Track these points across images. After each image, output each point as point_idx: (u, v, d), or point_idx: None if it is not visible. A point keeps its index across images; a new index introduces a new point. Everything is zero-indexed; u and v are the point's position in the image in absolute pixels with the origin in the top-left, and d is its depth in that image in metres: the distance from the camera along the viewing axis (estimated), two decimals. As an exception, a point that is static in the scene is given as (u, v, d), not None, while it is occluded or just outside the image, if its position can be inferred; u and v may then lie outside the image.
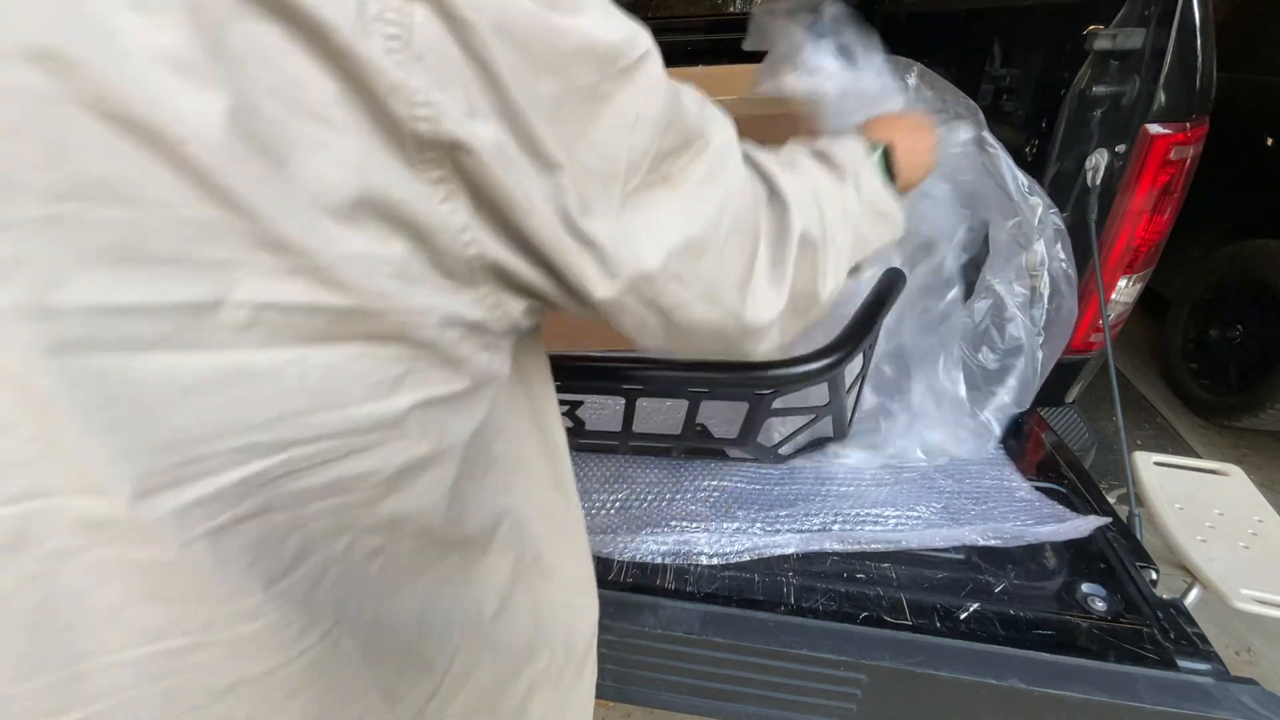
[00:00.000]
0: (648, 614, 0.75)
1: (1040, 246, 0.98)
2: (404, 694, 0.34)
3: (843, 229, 0.44)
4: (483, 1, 0.23)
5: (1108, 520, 0.83)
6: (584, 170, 0.28)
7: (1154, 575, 0.78)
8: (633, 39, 0.29)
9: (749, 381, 0.79)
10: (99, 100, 0.19)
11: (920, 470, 0.97)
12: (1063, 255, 0.99)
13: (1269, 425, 2.10)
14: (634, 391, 0.84)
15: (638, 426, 0.90)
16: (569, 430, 0.69)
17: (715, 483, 0.96)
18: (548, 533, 0.41)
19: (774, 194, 0.40)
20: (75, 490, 0.24)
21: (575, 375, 0.82)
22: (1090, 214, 1.07)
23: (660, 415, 0.96)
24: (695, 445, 0.95)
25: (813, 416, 0.89)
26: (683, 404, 0.85)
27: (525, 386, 0.37)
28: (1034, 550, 0.82)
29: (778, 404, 0.83)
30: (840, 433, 0.94)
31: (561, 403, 0.68)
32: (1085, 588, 0.77)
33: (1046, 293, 0.99)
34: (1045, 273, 0.99)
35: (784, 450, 0.94)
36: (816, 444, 0.97)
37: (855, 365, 0.83)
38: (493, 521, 0.36)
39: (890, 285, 0.84)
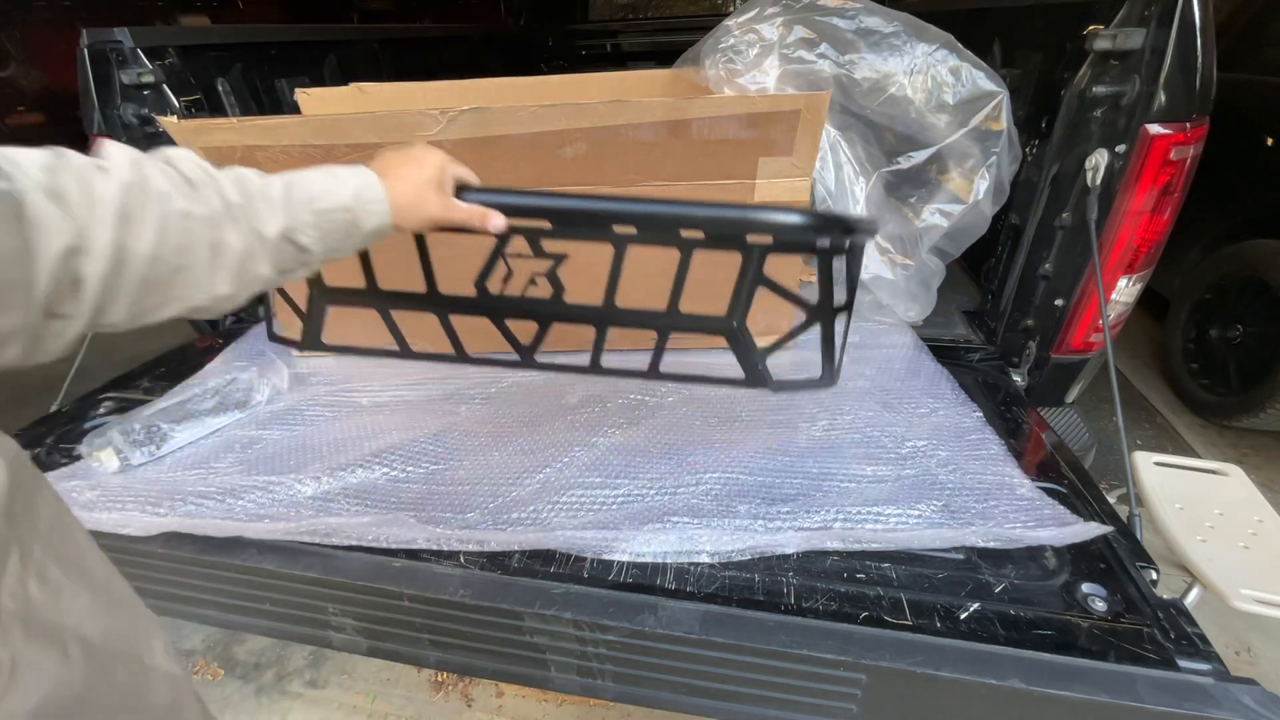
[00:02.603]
0: (648, 614, 0.75)
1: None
2: None
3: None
4: None
5: (1109, 530, 0.83)
6: None
7: (1154, 575, 0.78)
8: None
9: (742, 226, 0.75)
10: None
11: (922, 467, 0.97)
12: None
13: (1269, 425, 2.10)
14: (625, 238, 0.77)
15: (616, 346, 0.85)
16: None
17: (718, 474, 0.96)
18: None
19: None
20: None
21: (568, 221, 0.77)
22: (1090, 214, 1.07)
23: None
24: (682, 326, 0.83)
25: (803, 322, 0.84)
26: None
27: None
28: (1034, 550, 0.82)
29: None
30: (829, 377, 0.85)
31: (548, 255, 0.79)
32: (1085, 588, 0.77)
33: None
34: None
35: (770, 364, 0.85)
36: (808, 385, 0.87)
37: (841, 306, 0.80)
38: None
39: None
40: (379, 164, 0.66)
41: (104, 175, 0.43)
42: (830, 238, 0.75)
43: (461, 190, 0.72)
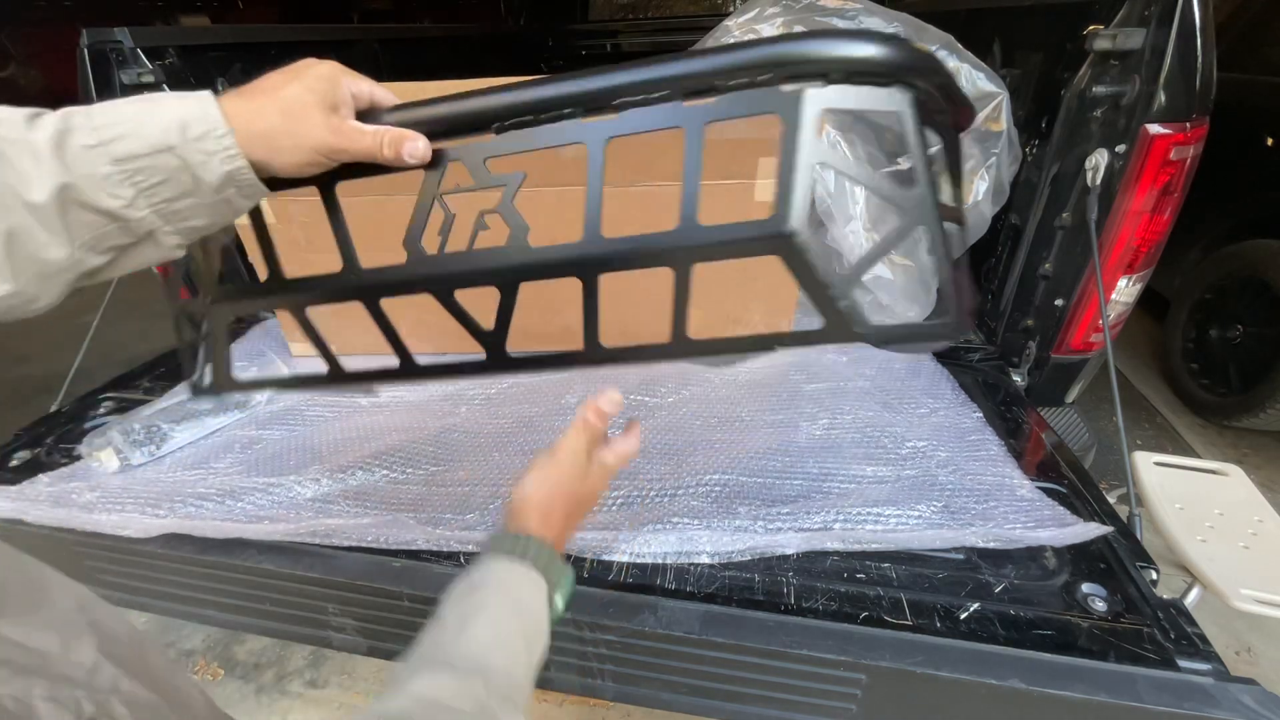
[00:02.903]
0: (648, 614, 0.75)
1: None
2: None
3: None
4: None
5: (1109, 530, 0.83)
6: None
7: (1154, 575, 0.78)
8: None
9: (792, 62, 0.49)
10: None
11: (922, 468, 0.97)
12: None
13: (1269, 425, 2.10)
14: (606, 130, 0.57)
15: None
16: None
17: (718, 476, 0.96)
18: None
19: None
20: None
21: (524, 122, 0.57)
22: (1090, 214, 1.07)
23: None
24: (710, 250, 0.55)
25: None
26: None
27: None
28: (1034, 550, 0.82)
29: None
30: (957, 318, 0.58)
31: None
32: (1085, 588, 0.77)
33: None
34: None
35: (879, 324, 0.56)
36: (922, 333, 0.62)
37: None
38: None
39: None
40: (241, 88, 0.51)
41: None
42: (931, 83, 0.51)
43: (370, 113, 0.55)
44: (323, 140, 0.50)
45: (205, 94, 0.48)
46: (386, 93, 0.57)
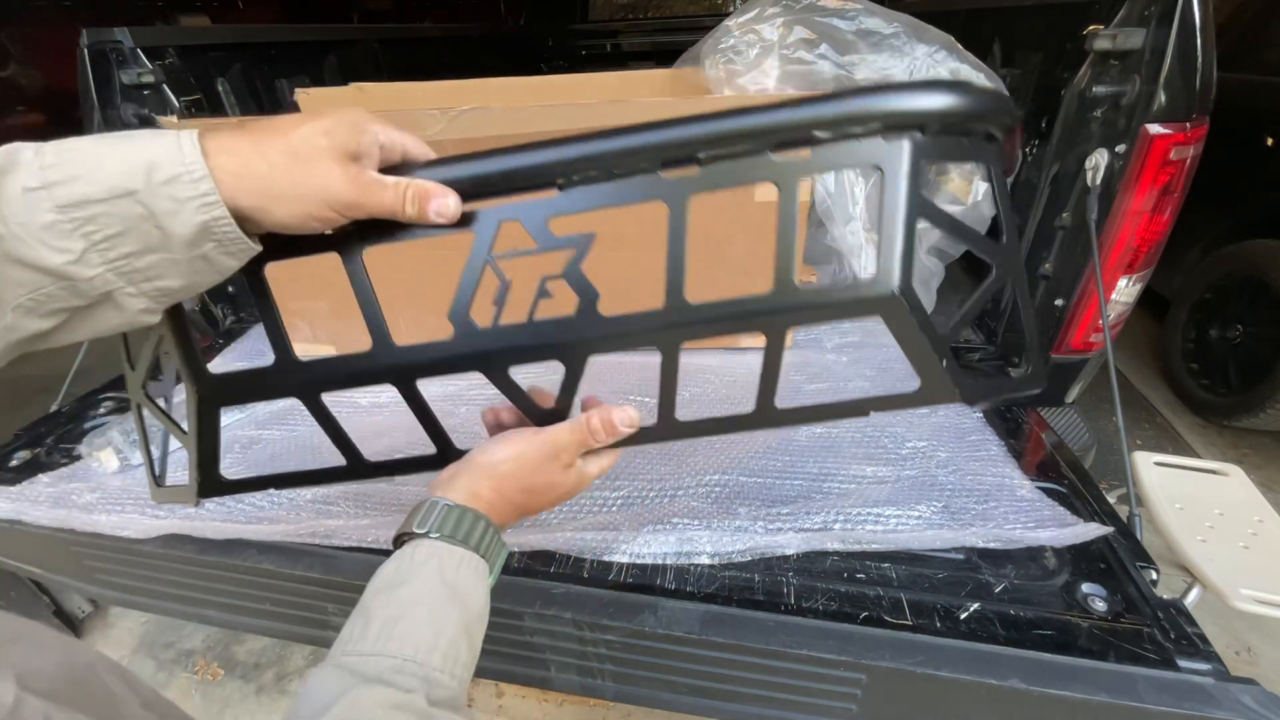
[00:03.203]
0: (648, 614, 0.75)
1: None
2: None
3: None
4: None
5: (1109, 530, 0.83)
6: None
7: (1154, 575, 0.78)
8: None
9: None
10: None
11: (922, 468, 0.97)
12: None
13: (1269, 425, 2.10)
14: (687, 186, 0.50)
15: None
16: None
17: (719, 477, 0.96)
18: None
19: None
20: None
21: (588, 177, 0.50)
22: (1090, 214, 1.07)
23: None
24: (809, 313, 0.53)
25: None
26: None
27: None
28: (1034, 550, 0.82)
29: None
30: (1039, 369, 0.61)
31: None
32: (1085, 588, 0.77)
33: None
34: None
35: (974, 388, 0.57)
36: (1009, 387, 0.64)
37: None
38: None
39: None
40: (243, 123, 0.44)
41: None
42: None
43: (402, 167, 0.49)
44: (333, 190, 0.43)
45: (188, 132, 0.40)
46: (423, 146, 0.50)
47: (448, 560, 0.49)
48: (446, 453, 0.62)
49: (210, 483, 0.64)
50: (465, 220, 0.50)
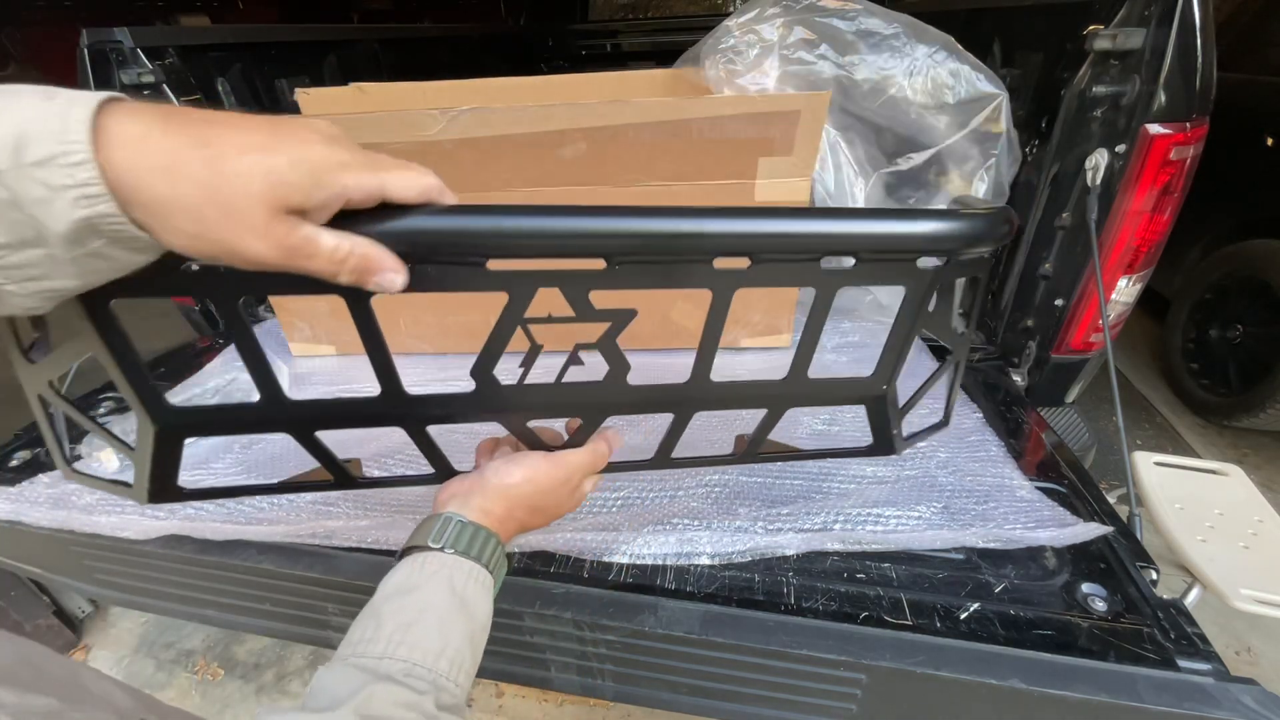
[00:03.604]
0: (648, 614, 0.75)
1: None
2: None
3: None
4: None
5: (1109, 530, 0.83)
6: None
7: (1154, 575, 0.78)
8: None
9: (900, 243, 0.50)
10: None
11: (922, 468, 0.97)
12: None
13: (1269, 425, 2.10)
14: (733, 277, 0.51)
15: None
16: None
17: (719, 477, 0.96)
18: None
19: None
20: None
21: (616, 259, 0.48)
22: (1090, 214, 1.07)
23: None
24: (807, 398, 0.64)
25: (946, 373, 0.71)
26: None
27: None
28: (1034, 550, 0.82)
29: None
30: (947, 417, 0.76)
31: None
32: (1085, 588, 0.77)
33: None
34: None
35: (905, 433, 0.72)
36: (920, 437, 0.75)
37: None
38: None
39: None
40: (180, 106, 0.37)
41: None
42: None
43: (378, 213, 0.40)
44: (246, 248, 0.34)
45: (86, 99, 0.31)
46: (422, 182, 0.41)
47: (458, 573, 0.51)
48: (445, 474, 0.64)
49: (165, 491, 0.57)
50: (499, 280, 0.47)
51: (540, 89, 1.63)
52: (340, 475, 0.62)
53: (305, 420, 0.55)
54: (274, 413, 0.53)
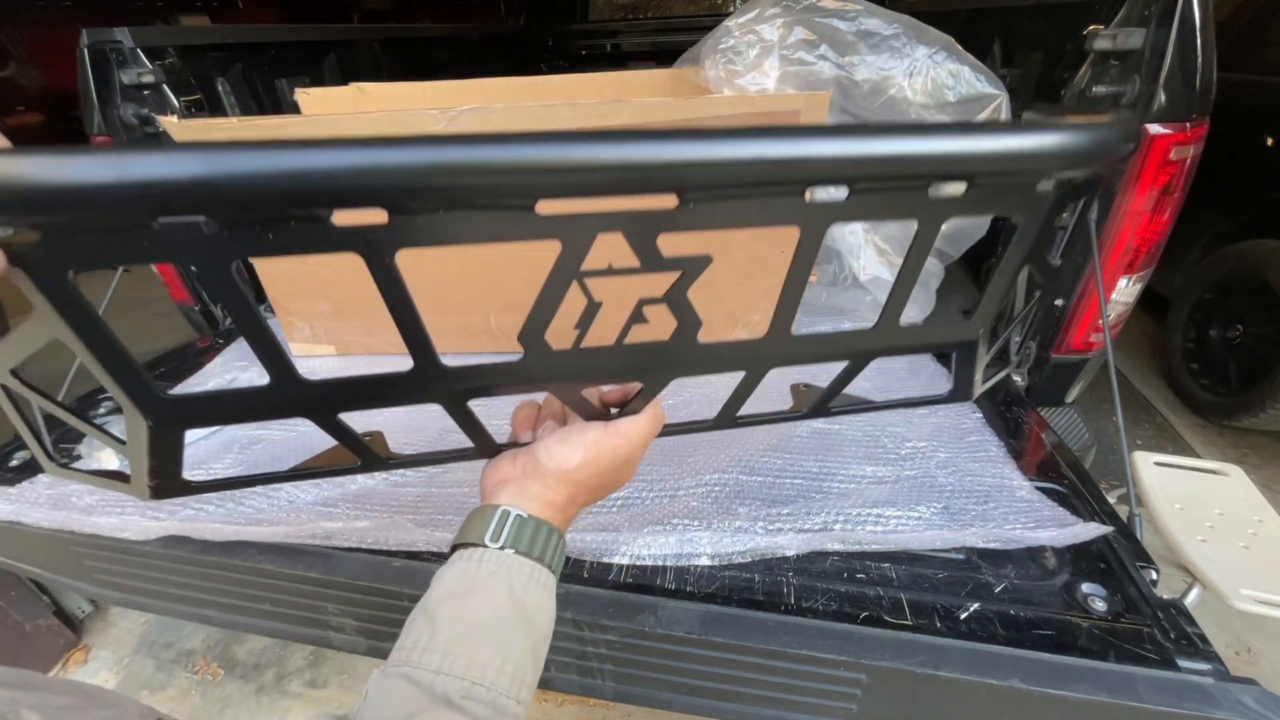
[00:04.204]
0: (648, 614, 0.75)
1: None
2: None
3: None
4: None
5: (1109, 530, 0.83)
6: None
7: (1154, 575, 0.78)
8: None
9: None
10: None
11: (922, 468, 0.97)
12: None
13: (1269, 425, 2.10)
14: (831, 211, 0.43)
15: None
16: None
17: (718, 476, 0.96)
18: None
19: None
20: None
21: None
22: (1090, 214, 1.07)
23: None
24: (898, 345, 0.56)
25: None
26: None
27: None
28: (1034, 551, 0.82)
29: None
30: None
31: None
32: (1085, 588, 0.77)
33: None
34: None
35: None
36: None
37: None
38: None
39: None
40: None
41: None
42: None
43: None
44: None
45: None
46: None
47: (517, 576, 0.46)
48: (485, 449, 0.57)
49: (169, 487, 0.52)
50: (549, 226, 0.39)
51: (540, 89, 1.63)
52: (367, 455, 0.55)
53: (325, 401, 0.48)
54: (290, 393, 0.45)
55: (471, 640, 0.43)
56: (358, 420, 0.51)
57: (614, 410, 0.56)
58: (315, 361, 1.37)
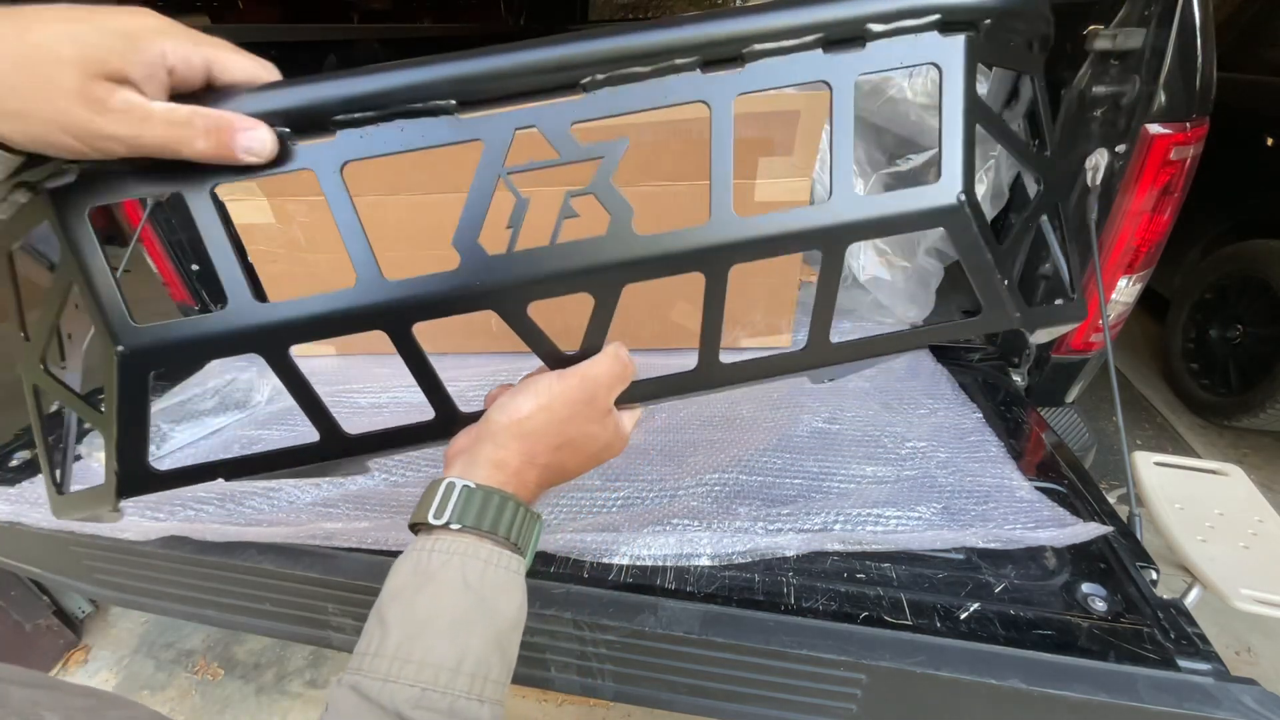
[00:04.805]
0: (648, 614, 0.75)
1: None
2: None
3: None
4: None
5: (1109, 530, 0.83)
6: None
7: (1154, 575, 0.78)
8: None
9: None
10: None
11: (922, 469, 0.97)
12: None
13: (1269, 425, 2.10)
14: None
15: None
16: None
17: (718, 476, 0.96)
18: None
19: None
20: None
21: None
22: (1090, 214, 1.07)
23: None
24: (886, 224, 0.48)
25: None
26: None
27: None
28: (1034, 550, 0.82)
29: None
30: (1079, 303, 0.60)
31: None
32: (1085, 588, 0.77)
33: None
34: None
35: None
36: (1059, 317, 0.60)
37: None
38: None
39: None
40: None
41: None
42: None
43: (226, 93, 0.40)
44: (70, 116, 0.34)
45: None
46: (265, 68, 0.42)
47: (471, 561, 0.42)
48: (449, 419, 0.53)
49: (133, 476, 0.52)
50: (469, 128, 0.44)
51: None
52: (326, 428, 0.53)
53: (277, 332, 0.47)
54: (245, 322, 0.46)
55: (422, 640, 0.39)
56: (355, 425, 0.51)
57: None
58: (315, 362, 1.37)
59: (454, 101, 0.44)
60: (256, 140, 0.39)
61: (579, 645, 0.78)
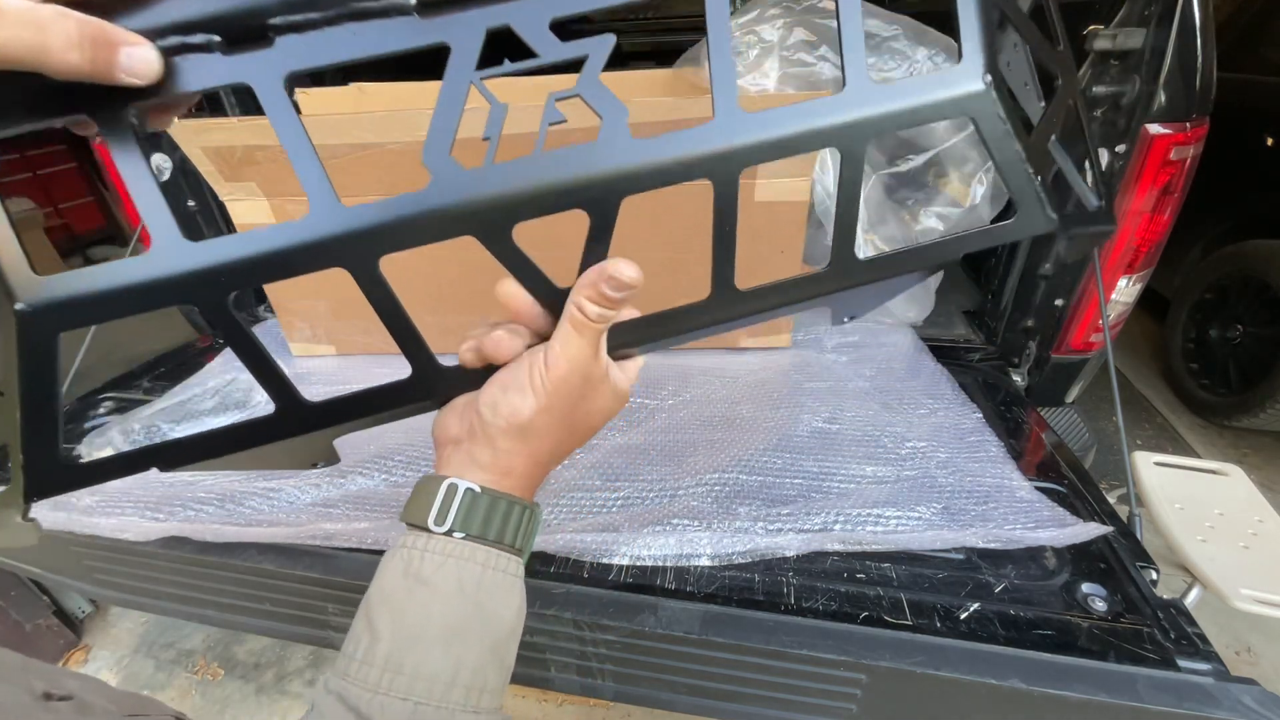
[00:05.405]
0: (648, 614, 0.75)
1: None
2: None
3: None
4: None
5: (1109, 530, 0.83)
6: None
7: (1154, 575, 0.78)
8: None
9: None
10: None
11: (922, 469, 0.97)
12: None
13: (1269, 425, 2.10)
14: None
15: None
16: None
17: (718, 475, 0.96)
18: None
19: None
20: None
21: None
22: (1090, 214, 1.07)
23: None
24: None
25: None
26: None
27: None
28: (1034, 550, 0.82)
29: None
30: (1107, 211, 0.58)
31: None
32: (1085, 588, 0.77)
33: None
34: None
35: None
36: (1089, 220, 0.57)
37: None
38: None
39: None
40: None
41: None
42: None
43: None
44: None
45: None
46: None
47: (468, 568, 0.40)
48: (429, 376, 0.45)
49: (45, 472, 0.43)
50: (435, 29, 0.38)
51: (540, 89, 1.62)
52: (285, 404, 0.45)
53: (210, 279, 0.39)
54: (173, 266, 0.38)
55: (414, 652, 0.37)
56: (353, 442, 0.44)
57: None
58: (315, 362, 1.37)
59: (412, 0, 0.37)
60: (140, 59, 0.32)
61: (579, 645, 0.78)
